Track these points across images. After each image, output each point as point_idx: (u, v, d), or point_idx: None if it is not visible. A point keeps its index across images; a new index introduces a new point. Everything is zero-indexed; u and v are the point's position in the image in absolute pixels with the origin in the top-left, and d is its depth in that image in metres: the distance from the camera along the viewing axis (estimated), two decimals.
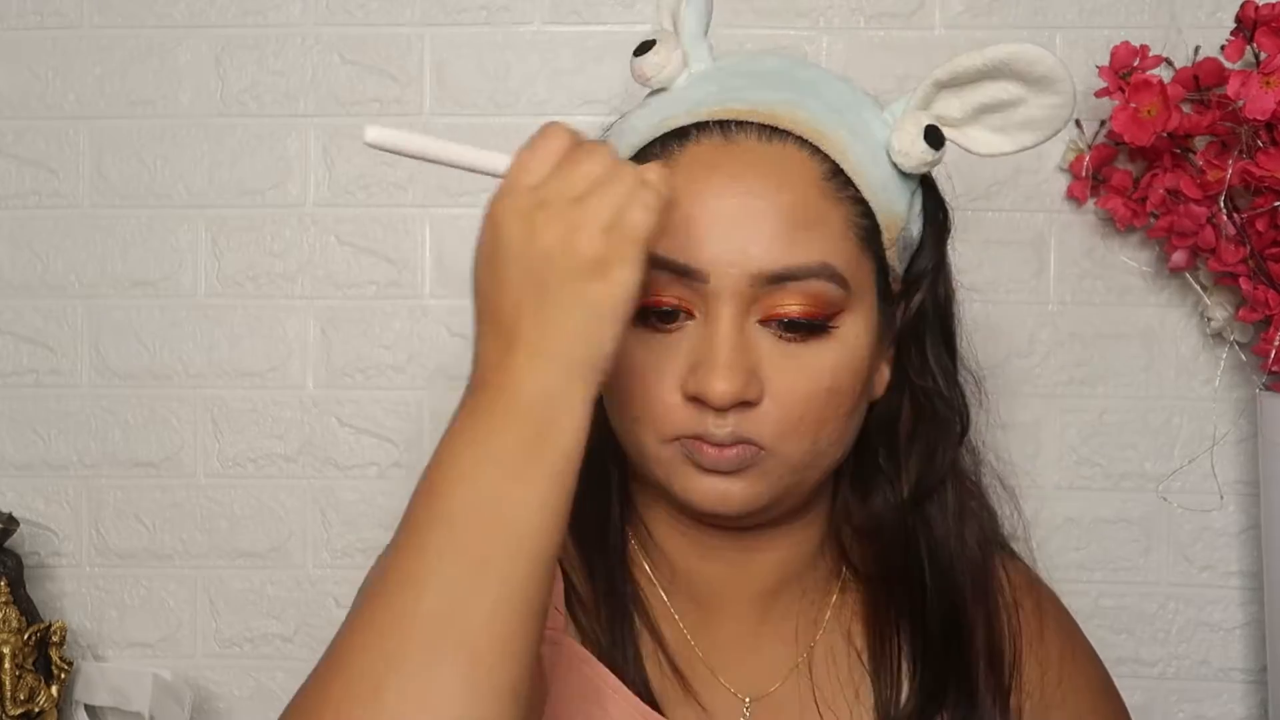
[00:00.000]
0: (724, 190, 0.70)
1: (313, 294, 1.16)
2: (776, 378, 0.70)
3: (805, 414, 0.70)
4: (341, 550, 1.16)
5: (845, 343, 0.71)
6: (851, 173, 0.72)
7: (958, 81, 0.73)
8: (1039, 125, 0.73)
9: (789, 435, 0.70)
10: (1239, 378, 1.12)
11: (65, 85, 1.15)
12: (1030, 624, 0.83)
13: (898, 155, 0.73)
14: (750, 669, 0.78)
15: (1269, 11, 0.97)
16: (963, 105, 0.74)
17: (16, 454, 1.17)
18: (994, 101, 0.73)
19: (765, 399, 0.70)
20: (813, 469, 0.74)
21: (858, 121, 0.74)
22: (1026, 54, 0.71)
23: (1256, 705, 1.14)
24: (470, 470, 0.57)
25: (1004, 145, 0.75)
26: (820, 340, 0.70)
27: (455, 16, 1.15)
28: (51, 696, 1.07)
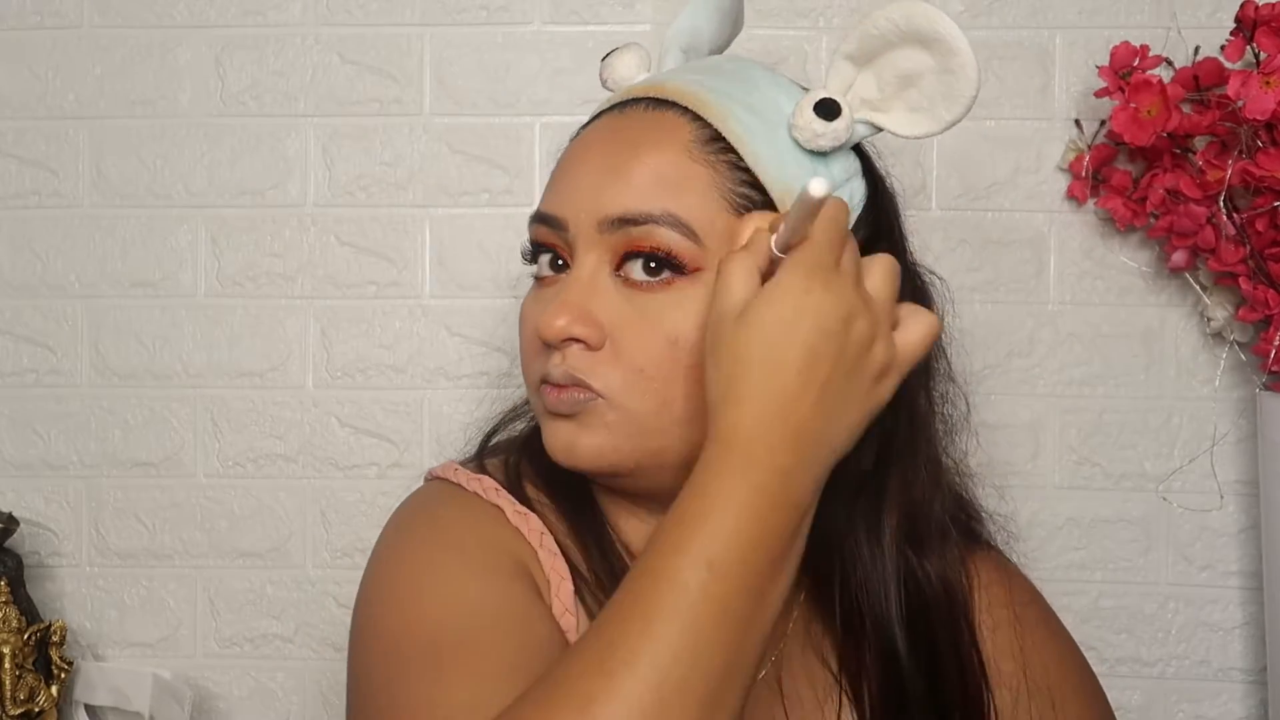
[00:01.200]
0: (593, 150, 0.75)
1: (313, 294, 1.16)
2: (620, 326, 0.72)
3: (645, 365, 0.71)
4: (341, 550, 1.16)
5: (698, 302, 0.71)
6: (733, 139, 0.73)
7: (864, 53, 0.73)
8: (951, 94, 0.72)
9: (630, 387, 0.71)
10: (1239, 378, 1.12)
11: (65, 85, 1.15)
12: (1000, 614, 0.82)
13: (794, 130, 0.74)
14: None
15: (1269, 11, 0.97)
16: (879, 83, 0.74)
17: (16, 454, 1.17)
18: (904, 74, 0.73)
19: (608, 345, 0.72)
20: (672, 439, 0.72)
21: (761, 100, 0.75)
22: (909, 8, 0.71)
23: (1256, 705, 1.14)
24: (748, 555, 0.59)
25: (926, 124, 0.74)
26: (667, 293, 0.71)
27: (455, 16, 1.15)
28: (51, 696, 1.08)
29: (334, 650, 1.16)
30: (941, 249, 1.13)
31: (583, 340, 0.71)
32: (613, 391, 0.71)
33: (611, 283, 0.72)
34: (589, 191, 0.73)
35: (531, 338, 0.75)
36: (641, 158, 0.73)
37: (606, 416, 0.72)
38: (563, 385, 0.72)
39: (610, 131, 0.76)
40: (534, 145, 1.15)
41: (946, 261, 1.13)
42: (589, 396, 0.72)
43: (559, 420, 0.73)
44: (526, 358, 0.76)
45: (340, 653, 1.16)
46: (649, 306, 0.71)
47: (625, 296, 0.72)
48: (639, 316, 0.71)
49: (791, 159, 0.74)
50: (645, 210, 0.71)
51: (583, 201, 0.73)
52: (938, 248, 1.13)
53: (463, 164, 1.15)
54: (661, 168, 0.72)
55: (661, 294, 0.71)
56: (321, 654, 1.16)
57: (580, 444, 0.73)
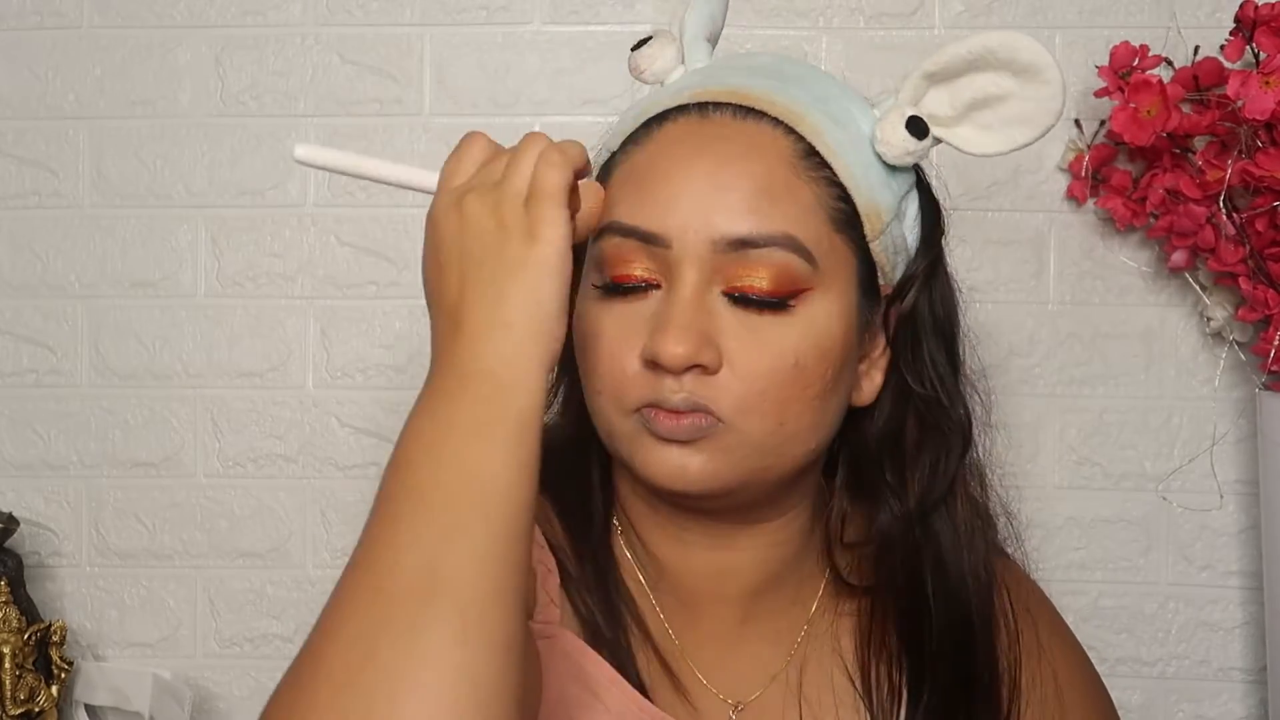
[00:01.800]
0: (692, 160, 0.71)
1: (313, 294, 1.16)
2: (737, 349, 0.70)
3: (766, 389, 0.70)
4: (341, 550, 1.16)
5: (811, 323, 0.71)
6: (828, 155, 0.72)
7: (946, 73, 0.73)
8: (1029, 120, 0.73)
9: (750, 410, 0.70)
10: (1239, 377, 1.13)
11: (65, 85, 1.15)
12: (1027, 633, 0.82)
13: (880, 145, 0.73)
14: (731, 672, 0.78)
15: (1269, 11, 0.97)
16: (952, 101, 0.74)
17: (16, 454, 1.17)
18: (983, 96, 0.73)
19: (724, 369, 0.70)
20: (780, 455, 0.72)
21: (841, 112, 0.74)
22: (1013, 41, 0.71)
23: (1256, 705, 1.14)
24: (432, 438, 0.60)
25: (996, 144, 0.74)
26: (783, 316, 0.70)
27: (455, 16, 1.15)
28: (51, 696, 1.08)
29: None
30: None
31: (704, 366, 0.69)
32: (733, 415, 0.70)
33: (720, 303, 0.70)
34: (696, 209, 0.70)
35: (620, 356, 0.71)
36: (751, 173, 0.70)
37: (725, 440, 0.70)
38: (682, 412, 0.69)
39: (702, 140, 0.72)
40: None
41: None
42: (710, 422, 0.70)
43: (669, 446, 0.70)
44: (610, 378, 0.72)
45: None
46: (767, 329, 0.70)
47: (739, 319, 0.70)
48: (757, 339, 0.70)
49: (874, 172, 0.74)
50: (765, 232, 0.69)
51: (690, 219, 0.69)
52: None
53: None
54: (771, 185, 0.70)
55: (777, 317, 0.70)
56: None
57: (693, 469, 0.70)
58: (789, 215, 0.70)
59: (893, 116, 0.73)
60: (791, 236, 0.70)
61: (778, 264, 0.69)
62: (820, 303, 0.71)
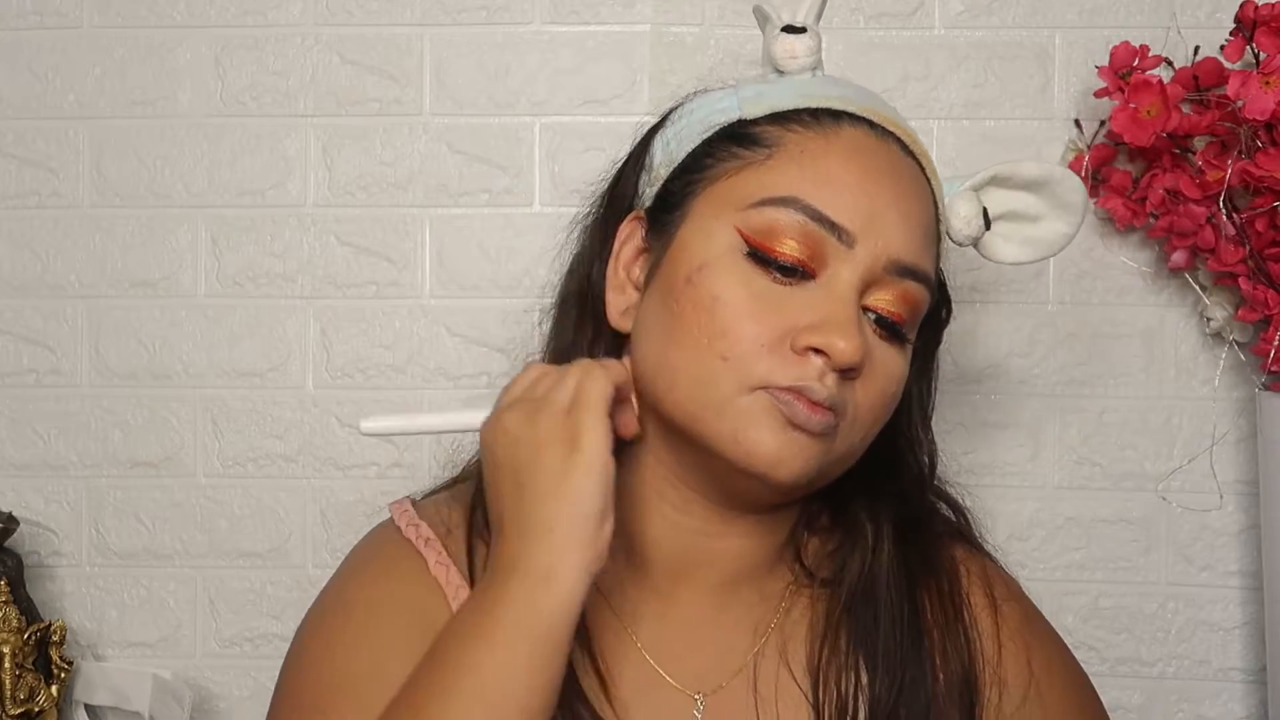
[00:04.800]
0: (882, 179, 0.74)
1: (313, 294, 1.16)
2: (870, 364, 0.73)
3: (875, 409, 0.74)
4: (341, 550, 1.14)
5: (906, 359, 0.76)
6: (940, 218, 0.78)
7: (1010, 184, 0.79)
8: (1042, 245, 0.80)
9: (859, 424, 0.73)
10: (1238, 378, 1.12)
11: (65, 85, 1.15)
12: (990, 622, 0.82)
13: (959, 222, 0.78)
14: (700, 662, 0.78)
15: (1269, 11, 0.97)
16: (997, 205, 0.79)
17: (16, 454, 1.17)
18: (1019, 210, 0.79)
19: (859, 380, 0.72)
20: (839, 466, 0.75)
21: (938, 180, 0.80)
22: (1069, 180, 0.79)
23: (1256, 705, 1.14)
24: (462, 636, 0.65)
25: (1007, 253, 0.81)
26: (897, 346, 0.74)
27: (455, 16, 1.15)
28: (51, 696, 1.08)
29: None
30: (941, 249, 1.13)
31: (859, 368, 0.71)
32: (848, 424, 0.73)
33: (860, 315, 0.72)
34: (887, 224, 0.73)
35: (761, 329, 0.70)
36: (924, 211, 0.76)
37: (834, 443, 0.72)
38: (823, 405, 0.70)
39: (886, 163, 0.75)
40: (534, 145, 1.15)
41: (946, 262, 1.13)
42: (837, 423, 0.72)
43: (795, 432, 0.70)
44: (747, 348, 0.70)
45: None
46: (889, 355, 0.74)
47: (873, 337, 0.73)
48: (884, 361, 0.74)
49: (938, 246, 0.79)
50: (924, 268, 0.75)
51: (880, 231, 0.72)
52: None
53: (463, 164, 1.15)
54: (930, 228, 0.76)
55: (894, 346, 0.74)
56: None
57: (796, 461, 0.71)
58: (933, 259, 0.76)
59: (972, 203, 0.78)
60: (934, 279, 0.76)
61: (917, 299, 0.74)
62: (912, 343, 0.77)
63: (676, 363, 0.72)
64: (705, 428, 0.71)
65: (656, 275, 0.75)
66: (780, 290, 0.71)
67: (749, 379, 0.70)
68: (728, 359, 0.70)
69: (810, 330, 0.70)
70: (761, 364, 0.70)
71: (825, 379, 0.70)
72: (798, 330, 0.70)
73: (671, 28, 1.14)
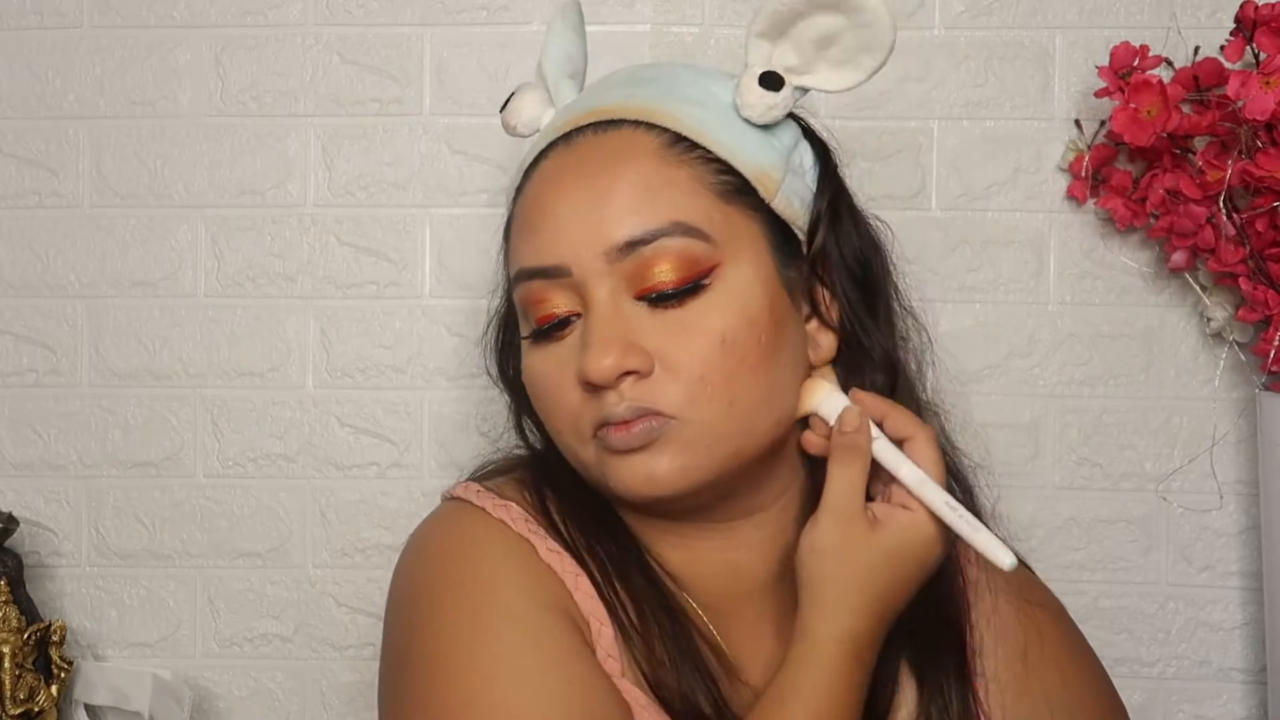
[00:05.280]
0: (565, 186, 0.73)
1: (313, 294, 1.16)
2: (665, 345, 0.71)
3: (705, 373, 0.71)
4: (341, 550, 1.16)
5: (730, 293, 0.72)
6: (694, 135, 0.74)
7: (777, 28, 0.75)
8: (870, 46, 0.74)
9: (697, 399, 0.71)
10: (1239, 378, 1.12)
11: (65, 85, 1.15)
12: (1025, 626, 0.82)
13: (744, 109, 0.75)
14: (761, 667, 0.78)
15: (1269, 11, 0.97)
16: (798, 50, 0.75)
17: (16, 454, 1.17)
18: (820, 36, 0.75)
19: (658, 369, 0.71)
20: (745, 435, 0.73)
21: (699, 93, 0.76)
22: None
23: (1256, 705, 1.14)
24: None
25: (852, 76, 0.76)
26: (699, 299, 0.72)
27: (455, 16, 1.15)
28: (51, 696, 1.08)
29: (334, 650, 1.16)
30: (941, 249, 1.13)
31: (635, 371, 0.71)
32: (681, 409, 0.71)
33: (636, 308, 0.72)
34: (581, 227, 0.72)
35: (564, 392, 0.73)
36: (621, 176, 0.72)
37: (683, 435, 0.71)
38: (629, 420, 0.71)
39: (572, 163, 0.74)
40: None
41: (946, 262, 1.13)
42: (661, 422, 0.71)
43: (630, 456, 0.72)
44: (562, 413, 0.74)
45: (339, 652, 1.16)
46: (686, 318, 0.71)
47: (657, 317, 0.71)
48: (680, 330, 0.71)
49: (749, 137, 0.75)
50: (651, 227, 0.71)
51: (579, 239, 0.72)
52: (938, 248, 1.13)
53: (463, 164, 1.15)
54: (645, 180, 0.72)
55: (693, 303, 0.72)
56: (321, 654, 1.16)
57: (660, 471, 0.71)
58: (671, 203, 0.72)
59: (745, 80, 0.75)
60: (679, 222, 0.72)
61: (675, 252, 0.71)
62: (734, 274, 0.72)
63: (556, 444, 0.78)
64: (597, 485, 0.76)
65: None
66: (565, 344, 0.74)
67: (581, 435, 0.74)
68: (561, 431, 0.75)
69: (578, 367, 0.72)
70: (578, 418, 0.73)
71: (616, 395, 0.71)
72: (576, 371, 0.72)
73: (671, 28, 1.14)
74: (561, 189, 0.74)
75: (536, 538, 0.75)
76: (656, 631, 0.74)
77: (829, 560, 0.71)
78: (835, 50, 0.75)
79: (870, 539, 0.71)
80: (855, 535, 0.71)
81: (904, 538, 0.71)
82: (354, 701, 1.16)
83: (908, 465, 0.72)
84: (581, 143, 0.75)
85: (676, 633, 0.75)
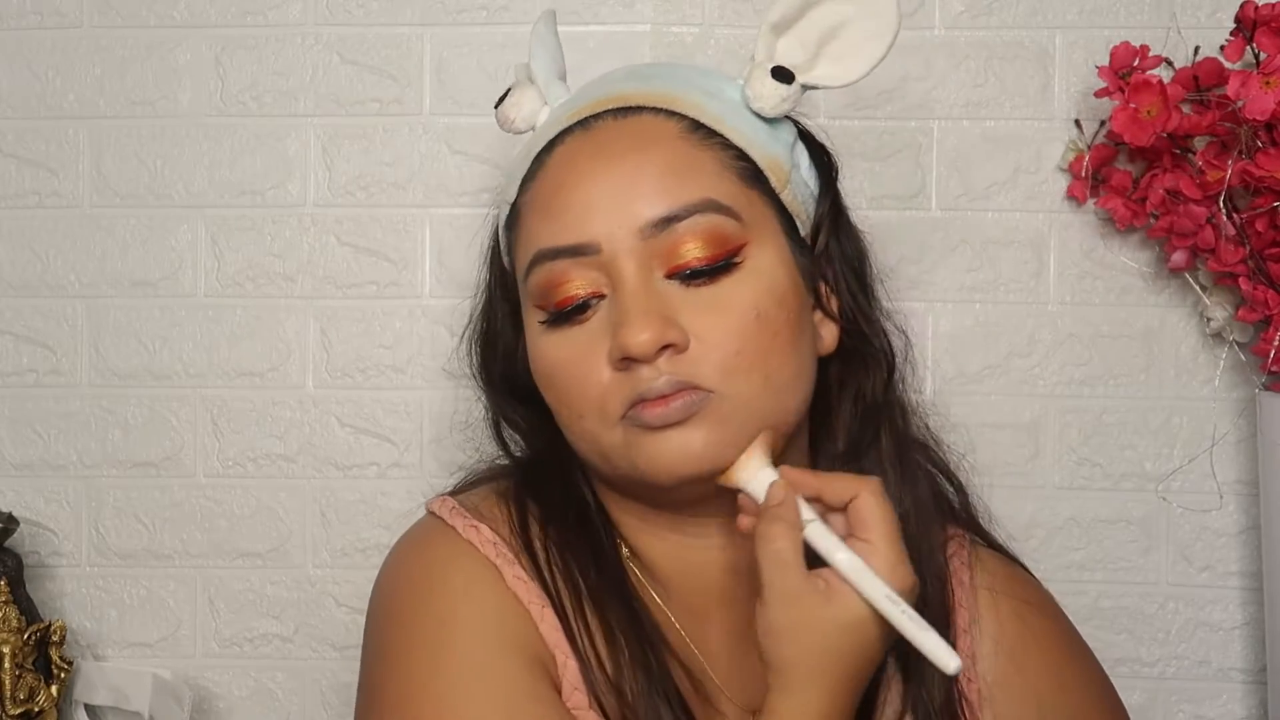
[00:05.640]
0: (592, 166, 0.73)
1: (313, 294, 1.16)
2: (699, 320, 0.71)
3: (742, 347, 0.71)
4: (341, 550, 1.16)
5: (759, 273, 0.73)
6: (713, 123, 0.75)
7: (787, 19, 0.76)
8: (876, 34, 0.75)
9: (734, 372, 0.71)
10: (1239, 378, 1.12)
11: (65, 85, 1.15)
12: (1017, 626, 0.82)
13: (755, 102, 0.76)
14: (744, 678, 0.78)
15: (1269, 11, 0.97)
16: (803, 45, 0.76)
17: (16, 454, 1.17)
18: (827, 29, 0.76)
19: (694, 343, 0.71)
20: (778, 411, 0.73)
21: (711, 86, 0.77)
22: None
23: (1256, 705, 1.14)
24: None
25: (856, 69, 0.77)
26: (730, 276, 0.72)
27: (455, 16, 1.15)
28: (51, 696, 1.08)
29: (334, 650, 1.16)
30: (941, 249, 1.13)
31: (673, 344, 0.70)
32: (719, 382, 0.71)
33: (667, 286, 0.72)
34: (613, 205, 0.72)
35: (589, 373, 0.72)
36: (649, 158, 0.73)
37: (721, 409, 0.71)
38: (669, 394, 0.70)
39: (593, 148, 0.75)
40: None
41: (946, 262, 1.13)
42: (700, 396, 0.70)
43: (667, 432, 0.71)
44: (588, 396, 0.73)
45: (340, 652, 1.16)
46: (719, 295, 0.72)
47: (692, 295, 0.72)
48: (714, 306, 0.71)
49: (760, 129, 0.76)
50: (685, 203, 0.72)
51: (611, 217, 0.72)
52: (938, 248, 1.13)
53: (463, 164, 1.15)
54: (673, 162, 0.73)
55: (725, 280, 0.72)
56: (321, 654, 1.16)
57: (696, 446, 0.71)
58: (701, 182, 0.73)
59: (758, 74, 0.76)
60: (710, 199, 0.72)
61: (707, 229, 0.72)
62: (760, 254, 0.73)
63: (570, 434, 0.76)
64: (618, 472, 0.74)
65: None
66: (587, 328, 0.73)
67: (609, 417, 0.72)
68: (585, 415, 0.74)
69: (613, 346, 0.71)
70: (607, 399, 0.72)
71: (653, 370, 0.70)
72: (608, 350, 0.72)
73: (671, 28, 1.14)
74: (588, 169, 0.74)
75: (504, 562, 0.75)
76: (626, 659, 0.73)
77: (785, 642, 0.67)
78: (837, 44, 0.76)
79: (823, 613, 0.67)
80: (807, 611, 0.67)
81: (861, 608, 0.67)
82: (353, 701, 1.16)
83: (843, 552, 0.68)
84: (601, 128, 0.75)
85: (646, 661, 0.74)
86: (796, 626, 0.67)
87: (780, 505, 0.69)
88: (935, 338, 1.13)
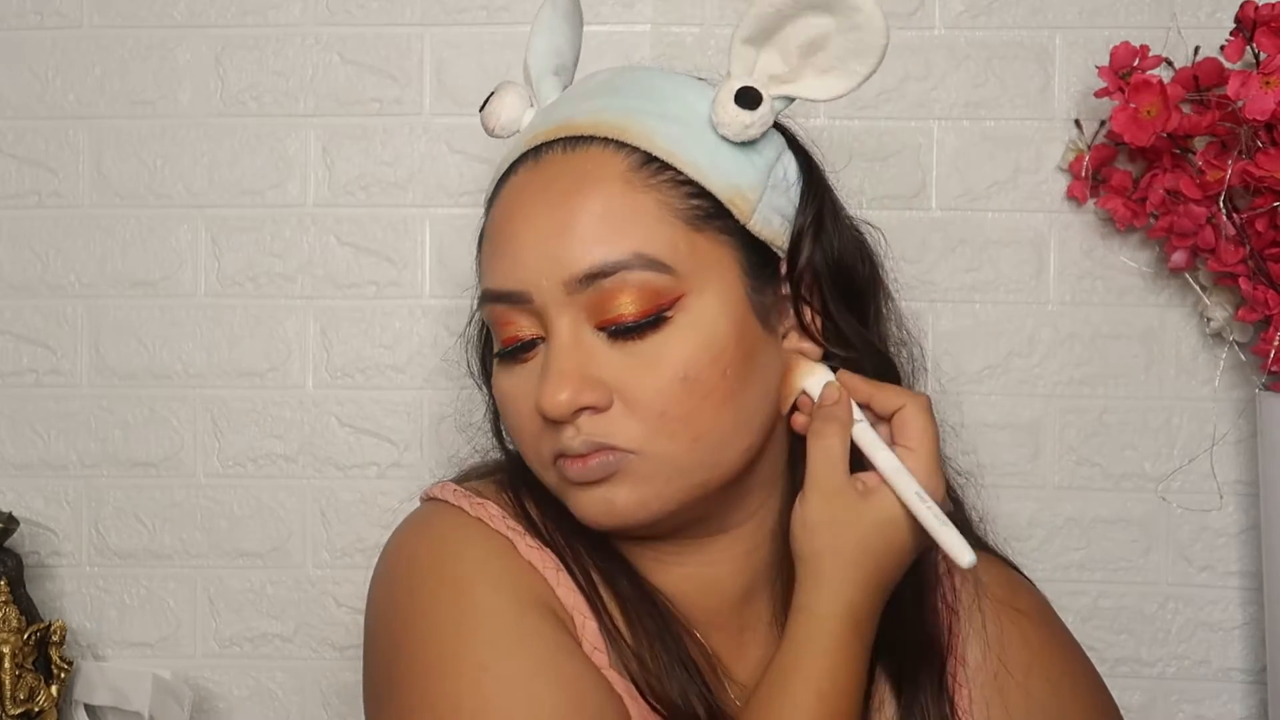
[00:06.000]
0: (529, 209, 0.72)
1: (313, 294, 1.16)
2: (625, 378, 0.69)
3: (667, 409, 0.69)
4: (341, 550, 1.16)
5: (693, 327, 0.70)
6: (665, 156, 0.71)
7: (764, 32, 0.72)
8: (861, 51, 0.71)
9: (657, 434, 0.69)
10: (1238, 378, 1.12)
11: (65, 85, 1.15)
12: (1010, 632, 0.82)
13: (720, 128, 0.72)
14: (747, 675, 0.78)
15: (1269, 11, 0.97)
16: (784, 57, 0.73)
17: (16, 454, 1.17)
18: (808, 41, 0.72)
19: (616, 403, 0.70)
20: (712, 466, 0.72)
21: (677, 106, 0.73)
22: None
23: (1256, 705, 1.14)
24: None
25: (841, 84, 0.72)
26: (660, 332, 0.70)
27: (455, 16, 1.15)
28: (51, 696, 1.08)
29: (334, 650, 1.16)
30: (941, 249, 1.13)
31: (591, 406, 0.69)
32: (640, 444, 0.70)
33: (597, 339, 0.70)
34: (543, 255, 0.70)
35: (527, 416, 0.72)
36: (585, 204, 0.70)
37: (641, 470, 0.70)
38: (585, 454, 0.70)
39: (538, 185, 0.72)
40: None
41: (946, 261, 1.13)
42: (618, 456, 0.70)
43: (589, 487, 0.71)
44: (525, 437, 0.73)
45: (339, 652, 1.16)
46: (646, 352, 0.70)
47: (617, 349, 0.70)
48: (640, 364, 0.70)
49: (725, 155, 0.72)
50: (612, 260, 0.69)
51: (540, 267, 0.70)
52: (938, 248, 1.13)
53: (463, 164, 1.15)
54: (609, 208, 0.70)
55: (654, 336, 0.70)
56: (321, 654, 1.16)
57: (619, 503, 0.71)
58: (634, 234, 0.70)
59: (722, 96, 0.72)
60: (640, 254, 0.69)
61: (636, 285, 0.69)
62: (699, 304, 0.70)
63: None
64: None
65: None
66: (530, 366, 0.72)
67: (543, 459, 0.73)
68: (526, 453, 0.75)
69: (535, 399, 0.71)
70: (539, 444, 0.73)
71: (572, 430, 0.70)
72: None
73: (671, 28, 1.14)
74: (525, 212, 0.72)
75: (516, 535, 0.74)
76: (642, 632, 0.73)
77: (821, 534, 0.70)
78: (822, 56, 0.72)
79: (860, 509, 0.71)
80: (844, 507, 0.71)
81: (895, 509, 0.71)
82: (354, 701, 1.16)
83: (884, 451, 0.72)
84: (550, 160, 0.73)
85: (663, 634, 0.74)
86: (835, 520, 0.70)
87: (835, 405, 0.73)
88: (935, 338, 1.13)
